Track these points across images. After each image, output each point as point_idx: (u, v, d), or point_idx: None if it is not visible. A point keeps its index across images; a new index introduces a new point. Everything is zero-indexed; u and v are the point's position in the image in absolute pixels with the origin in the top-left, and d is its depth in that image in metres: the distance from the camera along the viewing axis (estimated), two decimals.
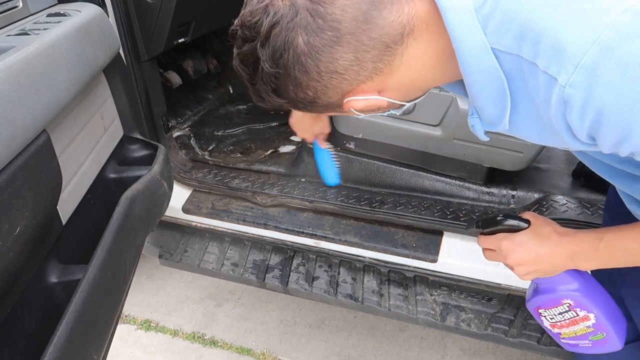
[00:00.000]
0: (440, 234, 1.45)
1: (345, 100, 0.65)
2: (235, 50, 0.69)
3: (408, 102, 0.70)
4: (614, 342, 0.90)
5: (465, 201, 1.48)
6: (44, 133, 0.84)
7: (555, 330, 0.94)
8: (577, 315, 0.89)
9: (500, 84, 0.59)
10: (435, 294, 1.45)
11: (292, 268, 1.59)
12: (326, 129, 1.26)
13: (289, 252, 1.62)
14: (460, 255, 1.39)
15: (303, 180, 1.65)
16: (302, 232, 1.53)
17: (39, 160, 0.81)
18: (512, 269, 0.85)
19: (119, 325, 1.09)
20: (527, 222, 0.83)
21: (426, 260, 1.41)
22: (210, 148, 1.95)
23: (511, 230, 0.83)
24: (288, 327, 1.90)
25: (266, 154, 1.87)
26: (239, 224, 1.61)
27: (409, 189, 1.55)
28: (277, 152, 1.88)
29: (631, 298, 0.90)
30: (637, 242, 0.71)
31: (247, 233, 1.63)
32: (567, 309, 0.89)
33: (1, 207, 0.70)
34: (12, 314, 0.81)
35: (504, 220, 0.84)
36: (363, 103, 0.64)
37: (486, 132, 0.73)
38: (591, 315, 0.87)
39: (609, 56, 0.48)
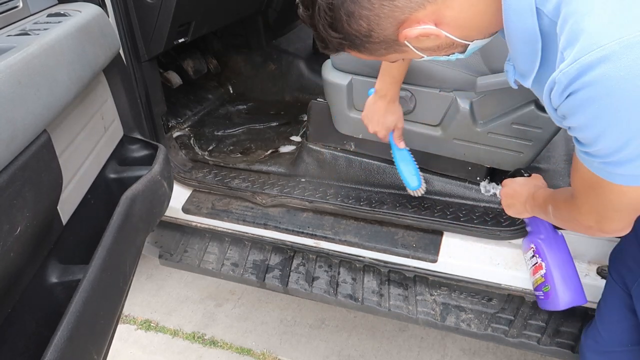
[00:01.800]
0: (440, 234, 1.45)
1: (400, 32, 0.65)
2: None
3: (470, 41, 0.69)
4: (555, 299, 1.01)
5: (465, 201, 1.48)
6: (44, 133, 0.84)
7: (531, 278, 1.09)
8: (537, 262, 1.05)
9: (535, 45, 0.62)
10: (435, 294, 1.45)
11: (292, 268, 1.59)
12: (400, 122, 1.31)
13: (289, 252, 1.62)
14: (460, 255, 1.39)
15: (303, 180, 1.65)
16: (302, 232, 1.53)
17: (40, 161, 0.81)
18: (501, 200, 1.12)
19: (119, 325, 1.09)
20: (529, 174, 1.09)
21: (426, 260, 1.41)
22: (210, 148, 1.95)
23: (519, 175, 1.11)
24: (288, 327, 1.90)
25: (266, 154, 1.87)
26: (239, 224, 1.61)
27: None
28: (277, 152, 1.88)
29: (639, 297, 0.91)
30: (543, 201, 0.92)
31: (247, 233, 1.63)
32: (533, 253, 1.08)
33: (2, 207, 0.70)
34: (12, 314, 0.81)
35: (519, 169, 1.17)
36: (418, 31, 0.64)
37: (515, 81, 0.75)
38: (543, 264, 1.03)
39: (602, 66, 0.53)
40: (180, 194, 1.70)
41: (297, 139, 1.97)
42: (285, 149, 1.89)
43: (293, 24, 2.64)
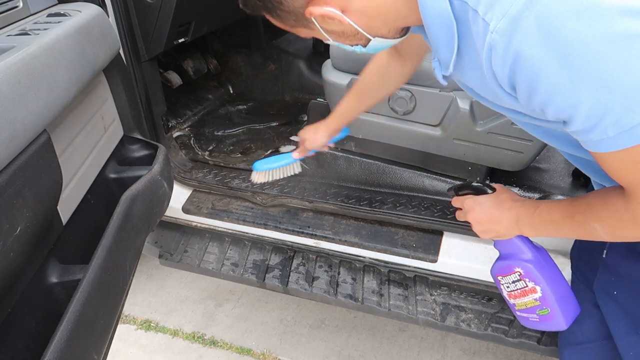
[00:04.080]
0: (440, 234, 1.45)
1: (308, 7, 0.67)
2: None
3: (372, 36, 0.70)
4: (559, 320, 0.94)
5: None
6: (44, 133, 0.84)
7: (511, 301, 0.99)
8: (527, 285, 0.94)
9: (451, 29, 0.62)
10: (435, 294, 1.45)
11: (292, 268, 1.59)
12: (311, 144, 1.30)
13: (289, 252, 1.62)
14: (460, 255, 1.39)
15: (303, 180, 1.65)
16: (302, 232, 1.53)
17: (40, 160, 0.81)
18: (472, 226, 0.94)
19: (119, 325, 1.09)
20: (493, 189, 0.93)
21: (426, 260, 1.41)
22: (210, 148, 1.95)
23: (478, 193, 0.94)
24: (288, 327, 1.90)
25: (266, 154, 1.87)
26: (239, 224, 1.61)
27: (409, 189, 1.55)
28: (277, 152, 1.88)
29: (602, 292, 0.90)
30: (563, 216, 0.76)
31: (247, 233, 1.63)
32: (519, 277, 0.95)
33: (2, 207, 0.70)
34: (12, 314, 0.81)
35: (474, 184, 0.96)
36: (322, 11, 0.66)
37: (444, 77, 0.73)
38: (538, 288, 0.93)
39: (531, 8, 0.52)
40: (180, 194, 1.70)
41: (297, 139, 1.97)
42: (285, 149, 1.90)
43: None
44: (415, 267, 1.45)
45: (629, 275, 0.83)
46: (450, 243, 1.42)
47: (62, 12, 1.08)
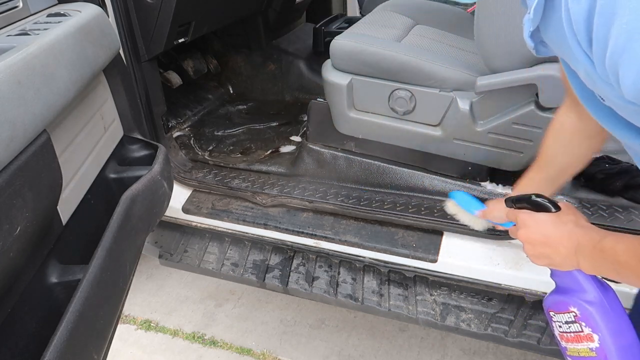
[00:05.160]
0: (440, 234, 1.45)
1: None
2: None
3: None
4: None
5: None
6: (44, 133, 0.84)
7: (563, 343, 0.84)
8: (582, 330, 0.79)
9: None
10: (435, 294, 1.45)
11: (292, 268, 1.59)
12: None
13: (289, 252, 1.62)
14: (460, 255, 1.39)
15: (303, 180, 1.65)
16: (302, 232, 1.53)
17: (39, 161, 0.81)
18: (523, 247, 0.81)
19: (119, 325, 1.09)
20: (557, 207, 0.79)
21: (426, 260, 1.41)
22: (210, 148, 1.95)
23: (538, 209, 0.80)
24: (288, 327, 1.90)
25: (266, 154, 1.87)
26: (239, 224, 1.61)
27: (409, 189, 1.55)
28: (277, 152, 1.88)
29: None
30: (628, 253, 0.63)
31: (247, 233, 1.63)
32: (573, 319, 0.80)
33: (1, 207, 0.70)
34: (12, 314, 0.81)
35: (534, 198, 0.82)
36: None
37: (532, 35, 0.59)
38: (595, 337, 0.77)
39: None
40: (180, 194, 1.70)
41: (297, 139, 1.97)
42: (285, 149, 1.89)
43: (293, 24, 2.64)
44: (415, 267, 1.45)
45: None
46: (450, 243, 1.42)
47: (62, 12, 1.08)
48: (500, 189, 1.47)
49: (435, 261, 1.40)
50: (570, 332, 0.81)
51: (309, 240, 1.54)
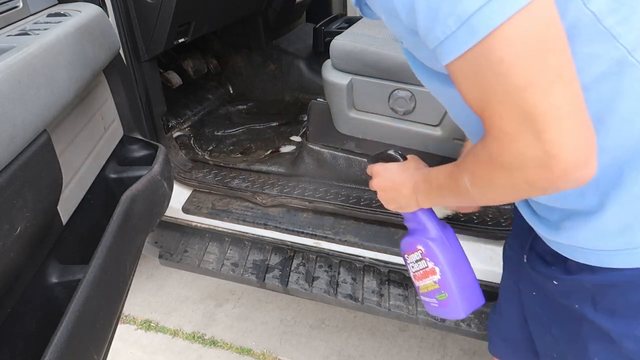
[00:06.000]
0: None
1: None
2: None
3: None
4: (456, 307, 0.87)
5: None
6: (44, 133, 0.84)
7: (416, 283, 0.93)
8: (427, 266, 0.89)
9: None
10: None
11: (292, 268, 1.59)
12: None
13: (289, 252, 1.62)
14: None
15: (303, 180, 1.65)
16: (302, 232, 1.53)
17: (40, 160, 0.81)
18: (377, 195, 0.90)
19: (119, 325, 1.09)
20: (405, 158, 0.90)
21: None
22: (210, 148, 1.95)
23: (390, 161, 0.90)
24: (288, 327, 1.90)
25: (266, 154, 1.87)
26: (239, 224, 1.61)
27: None
28: (277, 152, 1.88)
29: (533, 319, 0.86)
30: (445, 176, 0.72)
31: (247, 233, 1.63)
32: (420, 256, 0.89)
33: (1, 207, 0.70)
34: (12, 314, 0.81)
35: (387, 152, 0.93)
36: None
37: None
38: (437, 269, 0.87)
39: None
40: (180, 194, 1.70)
41: (297, 139, 1.97)
42: (285, 149, 1.90)
43: (293, 24, 2.64)
44: None
45: (538, 282, 0.80)
46: None
47: (62, 12, 1.08)
48: None
49: None
50: (420, 269, 0.90)
51: (309, 240, 1.54)
